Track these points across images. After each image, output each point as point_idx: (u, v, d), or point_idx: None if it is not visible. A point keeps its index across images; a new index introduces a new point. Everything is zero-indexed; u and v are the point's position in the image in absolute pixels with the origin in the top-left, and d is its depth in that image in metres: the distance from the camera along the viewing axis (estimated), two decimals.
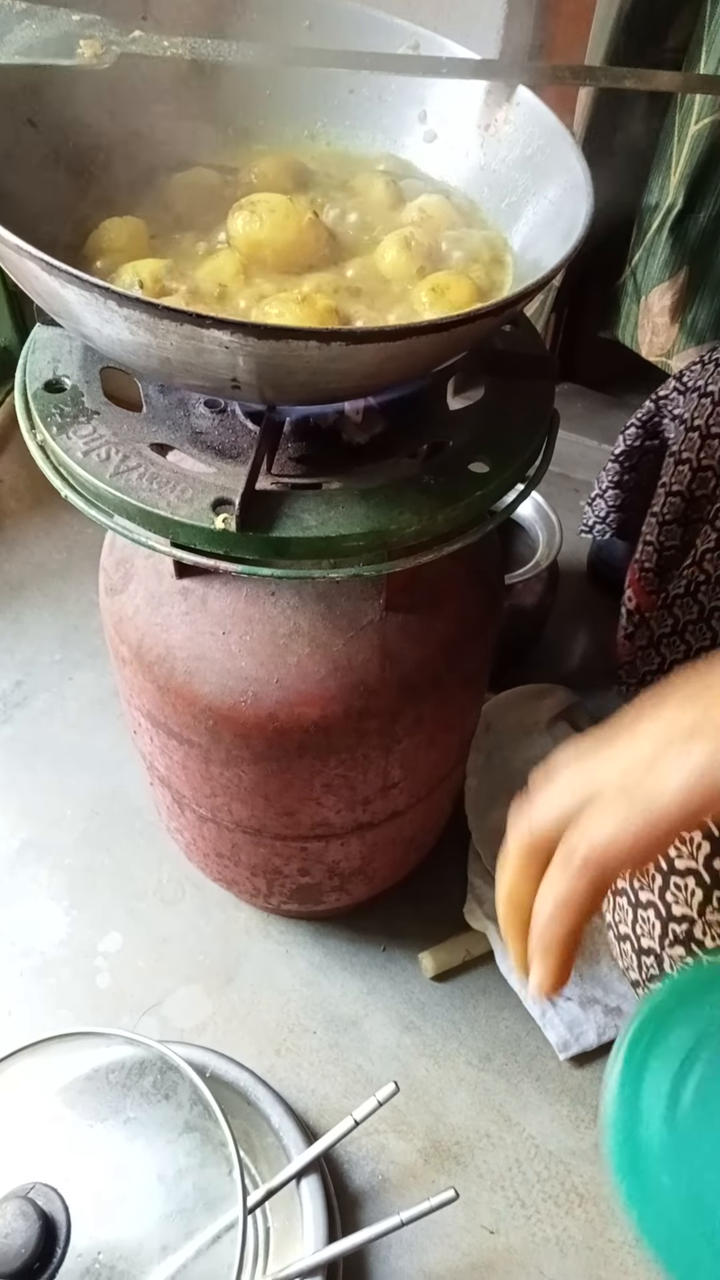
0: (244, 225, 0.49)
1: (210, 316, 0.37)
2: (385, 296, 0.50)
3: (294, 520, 0.48)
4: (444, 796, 0.80)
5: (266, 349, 0.39)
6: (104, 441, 0.50)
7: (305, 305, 0.46)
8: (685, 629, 0.86)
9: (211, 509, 0.47)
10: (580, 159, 0.49)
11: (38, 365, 0.53)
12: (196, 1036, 0.82)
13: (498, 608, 0.67)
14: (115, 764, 1.00)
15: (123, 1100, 0.62)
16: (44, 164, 0.51)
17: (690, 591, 0.84)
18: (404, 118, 0.58)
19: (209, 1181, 0.58)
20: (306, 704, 0.58)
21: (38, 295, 0.43)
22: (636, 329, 1.18)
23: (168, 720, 0.62)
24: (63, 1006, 0.83)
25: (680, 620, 0.86)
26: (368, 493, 0.49)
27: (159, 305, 0.37)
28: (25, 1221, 0.54)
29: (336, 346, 0.38)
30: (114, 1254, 0.56)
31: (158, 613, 0.60)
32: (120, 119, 0.54)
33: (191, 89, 0.55)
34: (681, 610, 0.86)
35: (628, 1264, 0.71)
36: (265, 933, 0.88)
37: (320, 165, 0.57)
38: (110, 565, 0.65)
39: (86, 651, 1.11)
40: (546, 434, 0.55)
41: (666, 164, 1.06)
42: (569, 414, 1.04)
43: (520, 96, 0.54)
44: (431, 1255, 0.71)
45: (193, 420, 0.54)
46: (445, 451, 0.53)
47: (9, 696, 1.07)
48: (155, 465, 0.49)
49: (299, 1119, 0.72)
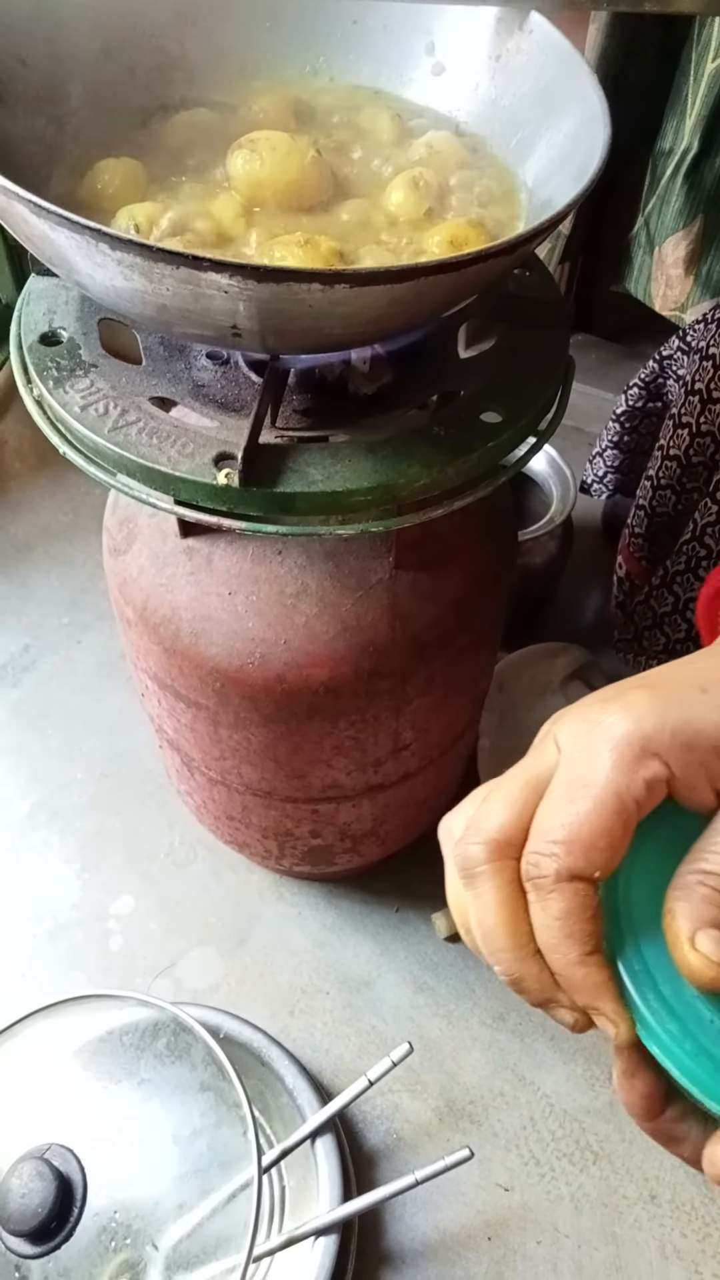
0: (244, 164, 0.47)
1: (207, 259, 0.35)
2: (394, 238, 0.48)
3: (299, 475, 0.46)
4: (456, 758, 0.79)
5: (267, 292, 0.37)
6: (102, 395, 0.48)
7: (308, 247, 0.44)
8: (686, 607, 0.84)
9: (213, 464, 0.45)
10: (597, 88, 0.47)
11: (33, 317, 0.52)
12: (210, 998, 0.82)
13: (511, 565, 0.66)
14: (125, 727, 0.99)
15: (137, 1062, 0.62)
16: (36, 104, 0.49)
17: (691, 568, 0.81)
18: (410, 49, 0.55)
19: (224, 1141, 0.58)
20: (315, 665, 0.57)
21: (29, 241, 0.41)
22: (650, 281, 1.14)
23: (175, 683, 0.61)
24: (76, 969, 0.83)
25: (681, 598, 0.84)
26: (375, 445, 0.47)
27: (153, 247, 0.35)
28: (42, 1182, 0.54)
29: (340, 289, 0.37)
30: (130, 1213, 0.56)
31: (162, 573, 0.59)
32: (114, 56, 0.51)
33: (187, 22, 0.52)
34: (682, 588, 0.83)
35: (642, 1219, 0.71)
36: (277, 895, 0.88)
37: (323, 101, 0.54)
38: (113, 525, 0.64)
39: (94, 614, 1.09)
40: (561, 383, 0.53)
41: (682, 106, 1.02)
42: (583, 366, 1.01)
43: (533, 23, 0.51)
44: (446, 1213, 0.71)
45: (194, 373, 0.52)
46: (456, 402, 0.51)
47: (17, 660, 1.06)
48: (155, 419, 0.48)
49: (313, 1079, 0.72)
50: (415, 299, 0.40)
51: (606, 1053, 0.79)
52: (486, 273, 0.41)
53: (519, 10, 0.51)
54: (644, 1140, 0.74)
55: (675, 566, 0.83)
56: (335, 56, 0.56)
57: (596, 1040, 0.80)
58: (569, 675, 0.95)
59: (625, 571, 0.93)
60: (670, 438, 0.84)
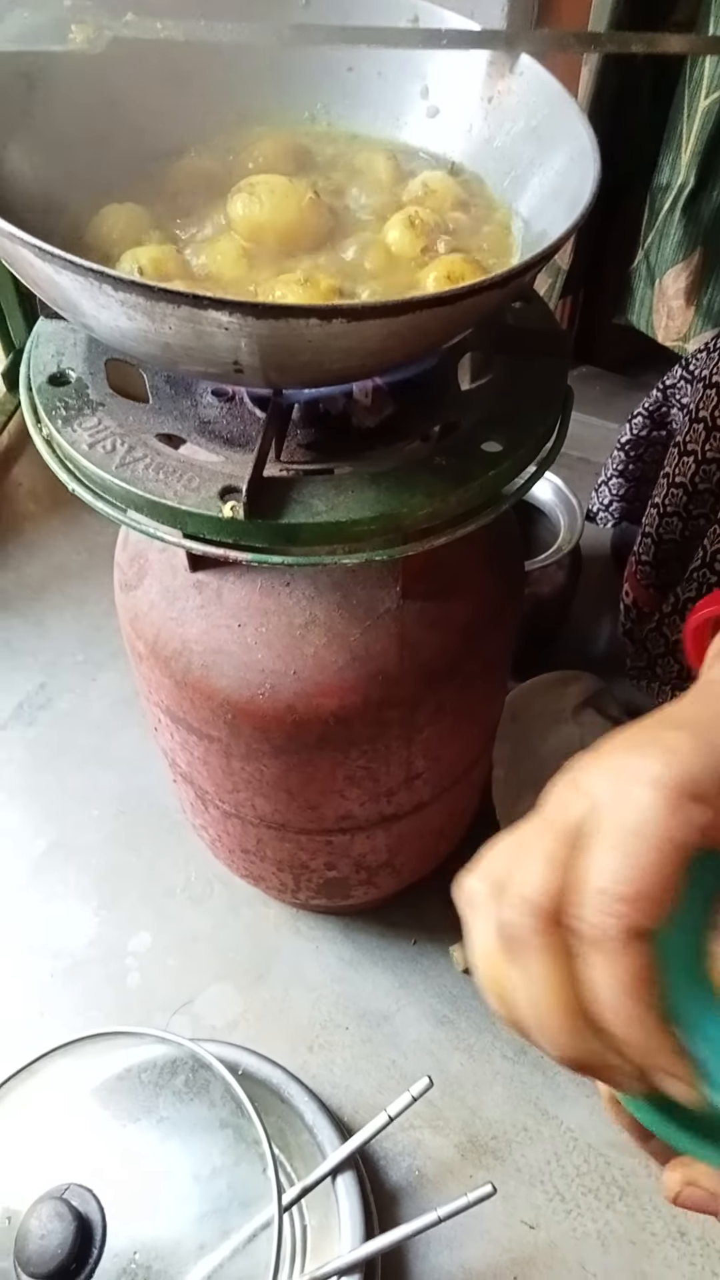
0: (244, 208, 0.48)
1: (207, 297, 0.36)
2: (391, 275, 0.49)
3: (303, 506, 0.47)
4: (470, 787, 0.79)
5: (267, 329, 0.38)
6: (109, 433, 0.49)
7: (308, 286, 0.45)
8: None
9: (219, 497, 0.46)
10: (586, 125, 0.48)
11: (42, 359, 0.53)
12: (228, 1034, 0.81)
13: (518, 593, 0.66)
14: (140, 763, 1.00)
15: (156, 1099, 0.61)
16: (41, 154, 0.50)
17: (702, 594, 0.82)
18: (405, 94, 0.57)
19: (244, 1180, 0.58)
20: (325, 695, 0.57)
21: (35, 285, 0.42)
22: (651, 313, 1.16)
23: (186, 715, 0.61)
24: (94, 1007, 0.83)
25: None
26: (378, 476, 0.48)
27: (155, 287, 0.36)
28: (61, 1223, 0.54)
29: (338, 324, 0.37)
30: (150, 1254, 0.55)
31: (172, 607, 0.60)
32: (117, 106, 0.53)
33: (188, 73, 0.54)
34: None
35: (671, 1258, 0.70)
36: (294, 929, 0.88)
37: (321, 146, 0.56)
38: (124, 561, 0.65)
39: (109, 652, 1.10)
40: (560, 411, 0.54)
41: (677, 142, 1.04)
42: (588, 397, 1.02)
43: (523, 65, 0.53)
44: (471, 1251, 0.70)
45: (200, 410, 0.53)
46: (457, 433, 0.51)
47: (33, 699, 1.07)
48: (162, 455, 0.49)
49: (333, 1115, 0.71)
50: (412, 332, 0.40)
51: None
52: (481, 305, 0.42)
53: (510, 53, 0.53)
54: None
55: (687, 593, 0.83)
56: (333, 102, 0.58)
57: None
58: (581, 703, 0.95)
59: (632, 599, 0.93)
60: (676, 465, 0.85)
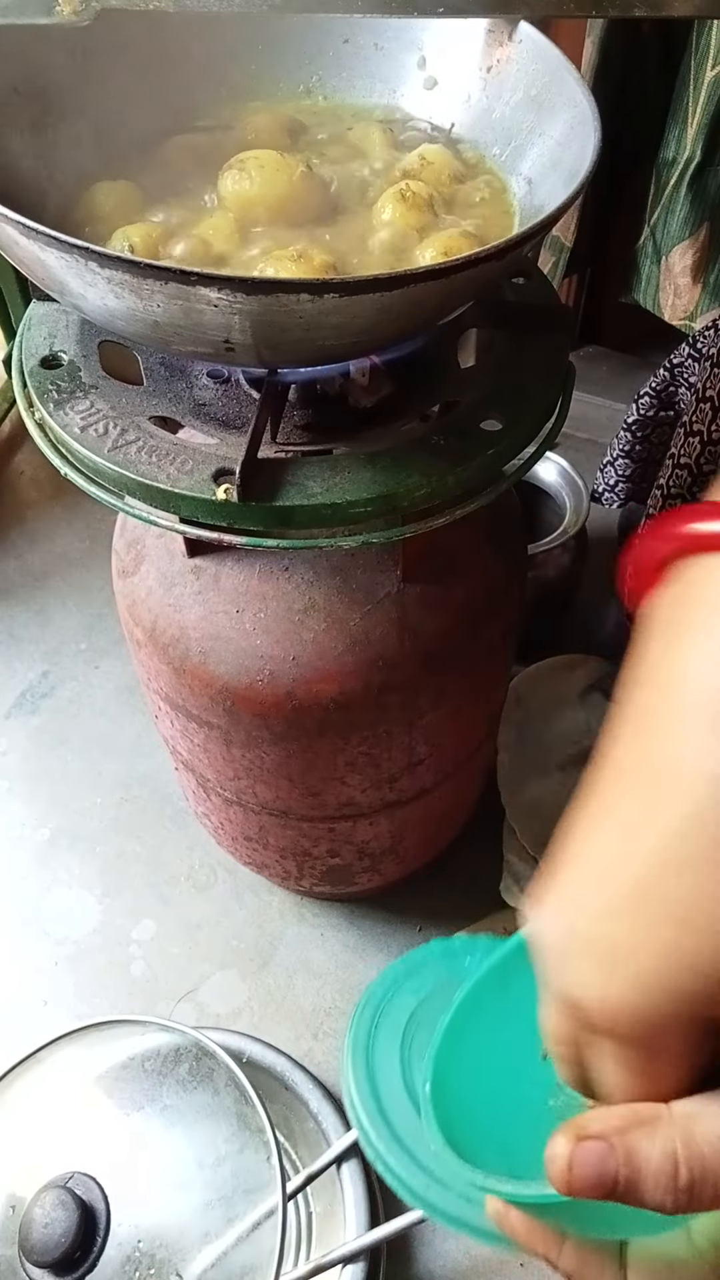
0: (234, 183, 0.47)
1: (195, 272, 0.35)
2: (386, 250, 0.48)
3: (298, 488, 0.46)
4: (474, 772, 0.78)
5: (257, 305, 0.37)
6: (102, 416, 0.48)
7: (301, 262, 0.44)
8: None
9: (213, 480, 0.45)
10: (585, 92, 0.46)
11: (34, 341, 0.52)
12: (232, 1022, 0.81)
13: (521, 575, 0.65)
14: (144, 750, 0.99)
15: (159, 1087, 0.61)
16: (30, 130, 0.49)
17: None
18: (402, 65, 0.55)
19: (248, 1168, 0.58)
20: (324, 680, 0.56)
21: (22, 264, 0.41)
22: (658, 291, 1.14)
23: (185, 703, 0.61)
24: (97, 995, 0.83)
25: None
26: (375, 457, 0.47)
27: (140, 263, 0.35)
28: (65, 1211, 0.53)
29: (330, 299, 0.36)
30: (154, 1242, 0.55)
31: (170, 593, 0.59)
32: (107, 82, 0.52)
33: (178, 47, 0.53)
34: None
35: None
36: (299, 916, 0.87)
37: (316, 119, 0.55)
38: (122, 547, 0.64)
39: (111, 639, 1.10)
40: (562, 388, 0.53)
41: (683, 115, 1.02)
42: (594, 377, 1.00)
43: (522, 33, 0.51)
44: None
45: (195, 392, 0.53)
46: (456, 411, 0.50)
47: (36, 687, 1.06)
48: (155, 438, 0.48)
49: (337, 1103, 0.70)
50: (407, 307, 0.39)
51: None
52: (478, 278, 0.41)
53: (508, 21, 0.51)
54: None
55: None
56: (328, 75, 0.57)
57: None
58: (587, 687, 0.94)
59: None
60: (681, 446, 0.83)
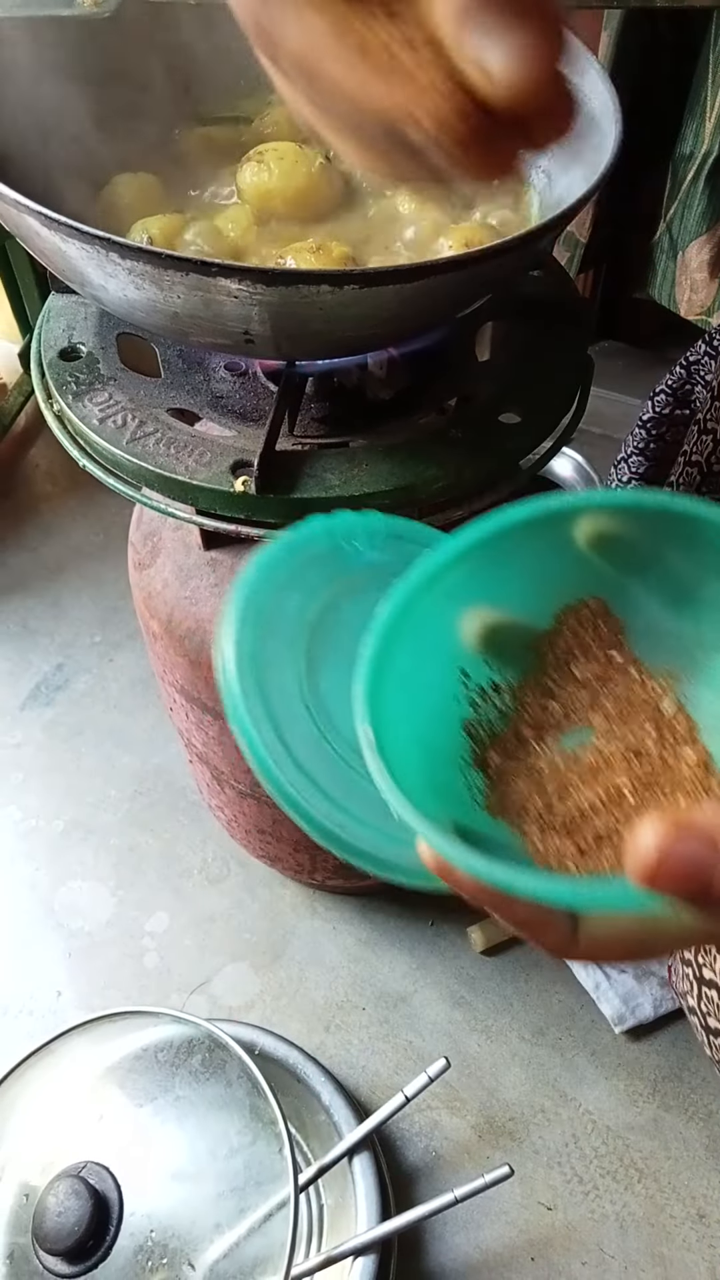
0: (253, 176, 0.47)
1: (216, 263, 0.35)
2: (406, 242, 0.48)
3: (316, 480, 0.46)
4: None
5: (277, 296, 0.37)
6: (120, 408, 0.48)
7: (320, 254, 0.44)
8: None
9: (230, 472, 0.46)
10: (606, 83, 0.46)
11: (53, 333, 0.52)
12: (245, 1014, 0.81)
13: None
14: (158, 743, 1.00)
15: (172, 1079, 0.61)
16: (51, 122, 0.50)
17: None
18: None
19: (260, 1159, 0.58)
20: None
21: (43, 255, 0.41)
22: (674, 287, 1.13)
23: (201, 695, 0.61)
24: (111, 986, 0.83)
25: None
26: (392, 449, 0.47)
27: (162, 254, 0.35)
28: (78, 1200, 0.54)
29: (350, 290, 0.36)
30: (166, 1232, 0.55)
31: (186, 586, 0.59)
32: (127, 74, 0.52)
33: (201, 37, 0.53)
34: None
35: (690, 1240, 0.69)
36: (312, 909, 0.87)
37: None
38: (138, 540, 0.64)
39: (126, 632, 1.10)
40: (580, 382, 0.52)
41: (701, 109, 1.01)
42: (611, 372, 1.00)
43: None
44: (488, 1232, 0.70)
45: (213, 384, 0.53)
46: (474, 404, 0.50)
47: (50, 680, 1.07)
48: (173, 430, 0.48)
49: (349, 1096, 0.71)
50: (426, 299, 0.39)
51: (648, 1067, 0.77)
52: (496, 270, 0.41)
53: None
54: (690, 1157, 0.73)
55: None
56: None
57: (639, 1055, 0.78)
58: None
59: None
60: (694, 443, 0.83)
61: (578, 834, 0.27)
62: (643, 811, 0.27)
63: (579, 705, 0.29)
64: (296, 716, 0.31)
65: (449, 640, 0.28)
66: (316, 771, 0.31)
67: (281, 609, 0.32)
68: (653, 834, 0.21)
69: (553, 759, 0.29)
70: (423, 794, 0.25)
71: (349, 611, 0.32)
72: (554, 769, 0.29)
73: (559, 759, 0.29)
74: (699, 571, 0.26)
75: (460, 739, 0.29)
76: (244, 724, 0.30)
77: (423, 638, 0.28)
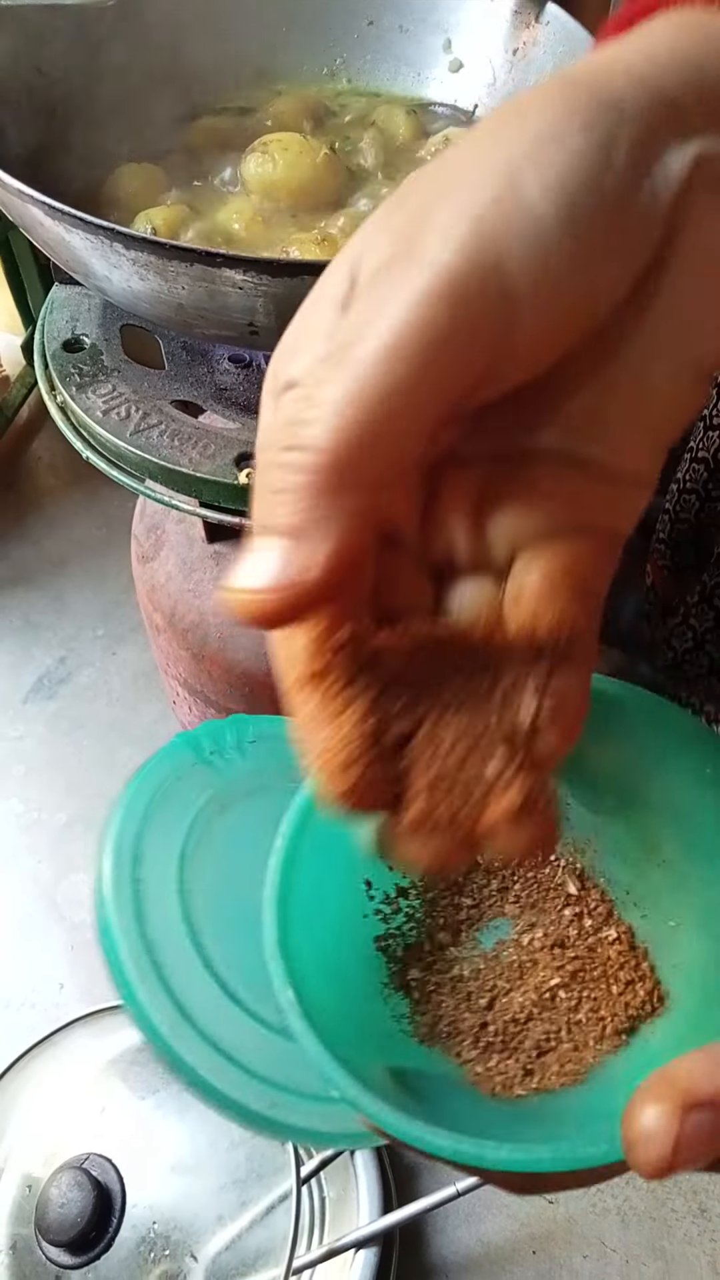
0: (257, 167, 0.47)
1: (221, 254, 0.35)
2: None
3: None
4: None
5: (282, 287, 0.36)
6: (124, 400, 0.48)
7: (326, 245, 0.43)
8: None
9: (235, 464, 0.45)
10: None
11: (56, 325, 0.52)
12: None
13: None
14: (160, 737, 1.00)
15: None
16: (55, 113, 0.49)
17: None
18: (428, 47, 0.55)
19: (262, 1152, 0.58)
20: None
21: (47, 246, 0.41)
22: None
23: (204, 688, 0.61)
24: None
25: None
26: None
27: (166, 244, 0.35)
28: (81, 1192, 0.54)
29: None
30: (169, 1224, 0.56)
31: (189, 579, 0.59)
32: (131, 64, 0.52)
33: (203, 28, 0.53)
34: None
35: (692, 1234, 0.69)
36: None
37: (341, 102, 0.54)
38: (141, 533, 0.64)
39: (128, 626, 1.10)
40: None
41: None
42: None
43: (549, 14, 0.51)
44: (489, 1225, 0.70)
45: (217, 376, 0.52)
46: None
47: (53, 673, 1.07)
48: (177, 422, 0.48)
49: None
50: None
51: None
52: None
53: (535, 2, 0.51)
54: None
55: (714, 579, 0.80)
56: (353, 58, 0.56)
57: None
58: None
59: (652, 580, 0.91)
60: (700, 439, 0.82)
61: (519, 1050, 0.26)
62: (580, 1011, 0.26)
63: (489, 896, 0.29)
64: (189, 966, 0.30)
65: (347, 854, 0.26)
66: (220, 1036, 0.29)
67: (155, 843, 0.31)
68: (656, 1121, 0.18)
69: (475, 964, 0.28)
70: (349, 1045, 0.23)
71: (228, 825, 0.31)
72: (477, 975, 0.27)
73: (481, 963, 0.28)
74: (588, 737, 0.24)
75: (376, 961, 0.28)
76: (132, 994, 0.28)
77: (321, 862, 0.26)
